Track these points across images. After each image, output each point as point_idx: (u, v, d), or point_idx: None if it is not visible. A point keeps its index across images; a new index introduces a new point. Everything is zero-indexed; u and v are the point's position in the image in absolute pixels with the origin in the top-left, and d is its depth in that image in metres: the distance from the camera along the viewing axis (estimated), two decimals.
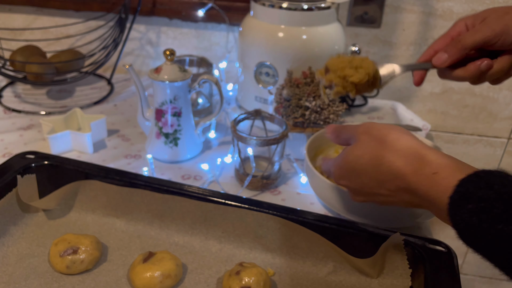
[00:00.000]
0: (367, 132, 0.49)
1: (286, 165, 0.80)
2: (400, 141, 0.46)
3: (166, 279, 0.52)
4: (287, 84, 0.80)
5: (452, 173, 0.41)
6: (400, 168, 0.45)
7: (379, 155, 0.46)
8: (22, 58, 1.00)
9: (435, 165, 0.42)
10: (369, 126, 0.49)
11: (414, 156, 0.44)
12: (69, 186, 0.62)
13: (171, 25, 1.11)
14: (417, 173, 0.43)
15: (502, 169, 0.39)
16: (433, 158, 0.43)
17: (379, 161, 0.46)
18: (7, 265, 0.55)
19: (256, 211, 0.58)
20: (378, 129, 0.48)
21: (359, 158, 0.49)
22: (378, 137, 0.48)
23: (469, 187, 0.38)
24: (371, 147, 0.48)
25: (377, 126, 0.49)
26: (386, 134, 0.47)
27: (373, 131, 0.48)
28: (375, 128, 0.49)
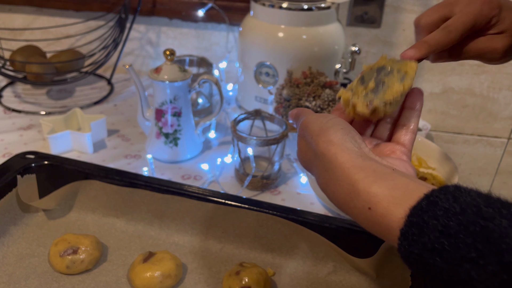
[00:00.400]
0: (302, 135, 0.42)
1: (286, 165, 0.80)
2: (327, 156, 0.37)
3: (166, 279, 0.52)
4: (287, 84, 0.80)
5: (391, 208, 0.32)
6: (335, 195, 0.36)
7: (314, 170, 0.40)
8: (22, 58, 1.00)
9: (367, 197, 0.33)
10: (304, 127, 0.41)
11: (342, 182, 0.35)
12: (69, 186, 0.62)
13: (171, 25, 1.11)
14: (350, 206, 0.35)
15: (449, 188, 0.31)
16: (363, 186, 0.33)
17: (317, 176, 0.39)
18: (7, 265, 0.55)
19: (256, 211, 0.58)
20: (310, 133, 0.40)
21: (305, 166, 0.42)
22: (310, 146, 0.40)
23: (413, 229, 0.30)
24: (308, 158, 0.41)
25: (310, 127, 0.40)
26: (316, 144, 0.38)
27: (307, 135, 0.40)
28: (308, 131, 0.40)
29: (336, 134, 0.38)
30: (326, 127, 0.39)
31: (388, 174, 0.34)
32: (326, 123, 0.39)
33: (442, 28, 0.45)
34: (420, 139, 0.74)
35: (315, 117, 0.41)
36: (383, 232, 0.33)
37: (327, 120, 0.40)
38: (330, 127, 0.38)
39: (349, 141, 0.37)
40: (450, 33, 0.44)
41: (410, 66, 0.42)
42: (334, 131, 0.38)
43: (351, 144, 0.37)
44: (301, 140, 0.42)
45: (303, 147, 0.42)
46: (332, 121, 0.39)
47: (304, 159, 0.42)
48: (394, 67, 0.43)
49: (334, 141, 0.37)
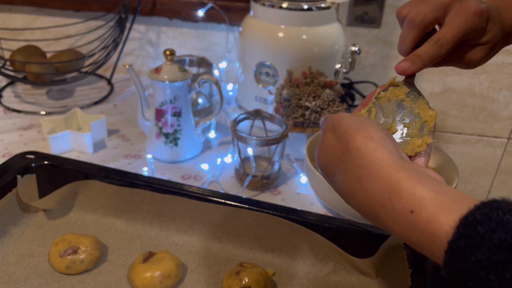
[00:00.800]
0: (332, 129, 0.38)
1: (286, 165, 0.80)
2: (363, 151, 0.34)
3: (166, 279, 0.52)
4: (287, 84, 0.80)
5: (437, 214, 0.28)
6: (364, 195, 0.33)
7: (340, 167, 0.36)
8: (22, 58, 1.00)
9: (411, 199, 0.30)
10: (337, 121, 0.38)
11: (379, 180, 0.32)
12: (69, 186, 0.62)
13: (171, 25, 1.11)
14: (386, 207, 0.31)
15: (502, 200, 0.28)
16: (406, 186, 0.30)
17: (340, 174, 0.36)
18: (7, 265, 0.55)
19: (256, 211, 0.58)
20: (344, 128, 0.36)
21: (324, 164, 0.39)
22: (342, 140, 0.36)
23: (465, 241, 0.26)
24: (333, 153, 0.37)
25: (345, 122, 0.37)
26: (352, 137, 0.35)
27: (339, 130, 0.37)
28: (342, 125, 0.37)
29: (377, 132, 0.35)
30: (366, 124, 0.36)
31: (432, 179, 0.31)
32: (366, 121, 0.37)
33: (434, 42, 0.43)
34: None
35: (351, 115, 0.39)
36: (424, 240, 0.29)
37: (366, 118, 0.38)
38: (370, 125, 0.36)
39: (389, 141, 0.35)
40: (441, 47, 0.43)
41: (430, 115, 0.41)
42: (375, 129, 0.35)
43: (391, 145, 0.34)
44: (329, 135, 0.38)
45: (330, 141, 0.38)
46: (371, 120, 0.37)
47: (327, 155, 0.38)
48: (414, 109, 0.42)
49: (374, 137, 0.34)
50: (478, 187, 1.19)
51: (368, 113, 0.43)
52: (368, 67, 1.07)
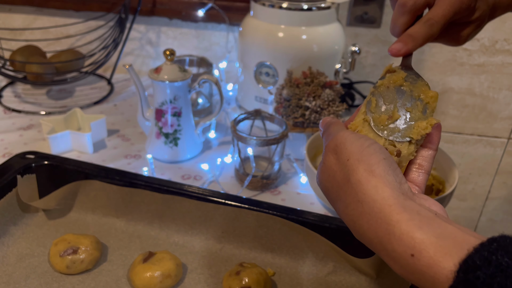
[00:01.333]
0: (335, 151, 0.37)
1: (286, 165, 0.80)
2: (365, 187, 0.33)
3: (166, 279, 0.52)
4: (287, 84, 0.80)
5: (438, 259, 0.28)
6: (365, 232, 0.33)
7: (341, 197, 0.36)
8: (22, 58, 1.00)
9: (411, 243, 0.29)
10: (340, 143, 0.37)
11: (380, 220, 0.31)
12: (69, 186, 0.62)
13: (171, 25, 1.11)
14: (386, 247, 0.31)
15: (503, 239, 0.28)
16: (406, 230, 0.30)
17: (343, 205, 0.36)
18: (7, 265, 0.55)
19: (256, 211, 0.58)
20: (347, 155, 0.36)
21: (326, 188, 0.38)
22: (343, 168, 0.35)
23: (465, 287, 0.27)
24: (335, 180, 0.36)
25: (348, 147, 0.36)
26: (353, 169, 0.34)
27: (341, 155, 0.36)
28: (344, 151, 0.36)
29: (379, 164, 0.34)
30: (368, 153, 0.34)
31: (433, 219, 0.30)
32: (368, 148, 0.35)
33: (425, 21, 0.43)
34: None
35: (354, 137, 0.37)
36: (425, 282, 0.29)
37: (368, 144, 0.35)
38: (372, 154, 0.34)
39: (392, 174, 0.34)
40: (432, 26, 0.43)
41: (431, 96, 0.40)
42: (377, 160, 0.34)
43: (393, 178, 0.33)
44: (331, 157, 0.37)
45: (332, 166, 0.37)
46: (373, 146, 0.35)
47: (329, 179, 0.37)
48: (414, 92, 0.41)
49: (376, 172, 0.33)
50: (478, 187, 1.19)
51: (367, 105, 0.41)
52: (368, 67, 1.07)
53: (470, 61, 1.03)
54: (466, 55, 1.03)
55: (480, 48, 1.02)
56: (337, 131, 0.39)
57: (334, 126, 0.41)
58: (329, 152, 0.38)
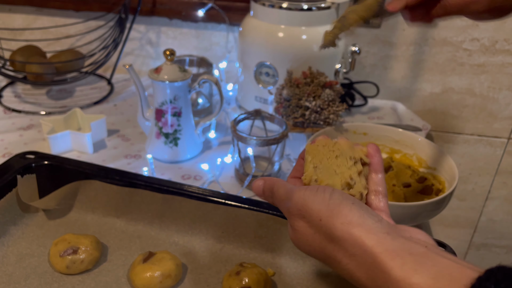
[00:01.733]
0: (301, 215, 0.36)
1: (286, 165, 0.80)
2: (349, 241, 0.32)
3: (166, 279, 0.52)
4: (287, 84, 0.80)
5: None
6: (364, 282, 0.33)
7: (330, 256, 0.35)
8: (22, 58, 1.00)
9: (402, 287, 0.29)
10: (302, 206, 0.36)
11: (376, 269, 0.31)
12: (69, 186, 0.62)
13: (171, 25, 1.11)
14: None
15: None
16: (402, 276, 0.29)
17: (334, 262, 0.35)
18: (7, 265, 0.55)
19: (256, 211, 0.58)
20: (316, 216, 0.35)
21: (308, 251, 0.37)
22: (320, 230, 0.35)
23: None
24: (316, 243, 0.35)
25: (313, 208, 0.35)
26: (330, 227, 0.34)
27: (311, 218, 0.35)
28: (312, 213, 0.35)
29: (352, 213, 0.33)
30: (336, 205, 0.34)
31: (426, 256, 0.30)
32: (331, 200, 0.34)
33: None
34: (420, 139, 0.74)
35: (310, 193, 0.36)
36: None
37: (329, 194, 0.35)
38: (339, 204, 0.34)
39: (368, 217, 0.33)
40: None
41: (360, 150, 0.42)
42: (348, 208, 0.34)
43: (371, 220, 0.33)
44: (300, 223, 0.36)
45: (304, 230, 0.36)
46: (335, 195, 0.35)
47: (308, 243, 0.36)
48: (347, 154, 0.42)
49: (354, 222, 0.33)
50: (478, 187, 1.20)
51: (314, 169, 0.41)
52: (368, 67, 1.07)
53: (470, 61, 1.03)
54: (466, 55, 1.03)
55: (480, 48, 1.02)
56: (289, 193, 0.37)
57: (278, 187, 0.39)
58: (296, 218, 0.37)
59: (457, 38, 1.01)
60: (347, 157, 0.41)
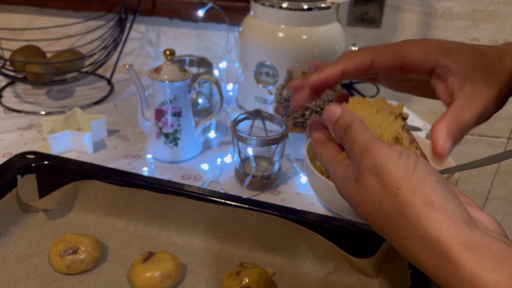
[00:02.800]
0: (376, 174, 0.32)
1: (286, 165, 0.79)
2: (425, 222, 0.29)
3: (166, 279, 0.52)
4: (287, 84, 0.80)
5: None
6: (428, 267, 0.30)
7: (394, 228, 0.32)
8: (22, 58, 1.00)
9: (483, 286, 0.27)
10: (380, 165, 0.32)
11: (446, 259, 0.29)
12: (69, 186, 0.62)
13: (171, 25, 1.11)
14: (453, 286, 0.29)
15: None
16: (478, 272, 0.27)
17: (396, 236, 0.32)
18: (7, 265, 0.55)
19: (256, 211, 0.58)
20: (394, 181, 0.31)
21: (368, 215, 0.34)
22: (392, 197, 0.31)
23: None
24: (382, 209, 0.32)
25: (393, 171, 0.32)
26: (408, 200, 0.30)
27: (388, 180, 0.32)
28: (389, 176, 0.32)
29: (436, 192, 0.30)
30: (420, 179, 0.31)
31: (505, 253, 0.28)
32: (416, 171, 0.31)
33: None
34: (420, 139, 0.74)
35: (394, 155, 0.32)
36: None
37: (414, 164, 0.31)
38: (424, 180, 0.31)
39: (450, 200, 0.30)
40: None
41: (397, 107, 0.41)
42: (432, 186, 0.30)
43: (453, 205, 0.30)
44: (373, 182, 0.32)
45: (376, 192, 0.32)
46: (420, 166, 0.31)
47: (374, 206, 0.33)
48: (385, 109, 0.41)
49: (436, 203, 0.30)
50: (478, 187, 1.19)
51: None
52: None
53: None
54: None
55: None
56: (370, 142, 0.34)
57: (358, 128, 0.35)
58: (369, 173, 0.33)
59: (457, 38, 1.01)
60: (387, 111, 0.39)
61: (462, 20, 0.99)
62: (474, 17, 0.99)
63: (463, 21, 0.99)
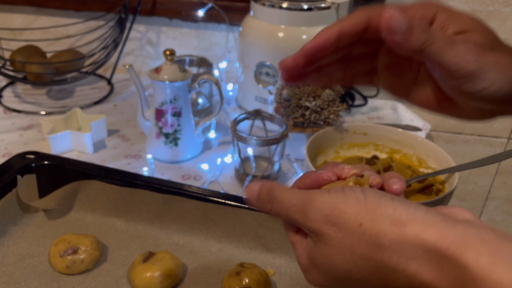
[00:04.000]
0: (331, 222, 0.29)
1: (286, 165, 0.79)
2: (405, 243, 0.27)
3: (166, 279, 0.52)
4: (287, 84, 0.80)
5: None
6: (432, 284, 0.27)
7: (380, 266, 0.28)
8: (22, 58, 1.00)
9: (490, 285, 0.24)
10: (331, 211, 0.29)
11: (444, 266, 0.26)
12: (69, 186, 0.62)
13: (171, 25, 1.11)
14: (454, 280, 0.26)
15: None
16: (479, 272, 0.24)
17: (387, 272, 0.28)
18: (7, 265, 0.55)
19: (256, 211, 0.58)
20: (353, 219, 0.29)
21: (347, 271, 0.30)
22: (360, 237, 0.28)
23: None
24: (356, 255, 0.29)
25: (346, 211, 0.29)
26: (377, 231, 0.28)
27: (346, 223, 0.29)
28: (344, 216, 0.29)
29: (397, 210, 0.28)
30: (375, 204, 0.28)
31: (498, 244, 0.25)
32: (368, 199, 0.29)
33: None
34: (420, 139, 0.74)
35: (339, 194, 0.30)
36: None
37: (362, 193, 0.29)
38: (379, 203, 0.29)
39: (416, 209, 0.28)
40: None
41: None
42: (391, 206, 0.28)
43: (421, 212, 0.28)
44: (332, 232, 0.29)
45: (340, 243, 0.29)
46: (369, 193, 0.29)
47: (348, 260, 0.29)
48: None
49: (403, 220, 0.28)
50: (478, 187, 1.19)
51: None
52: None
53: None
54: None
55: None
56: (305, 197, 0.31)
57: (282, 191, 0.32)
58: (323, 227, 0.30)
59: None
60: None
61: None
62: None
63: None
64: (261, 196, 0.34)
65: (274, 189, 0.33)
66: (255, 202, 0.35)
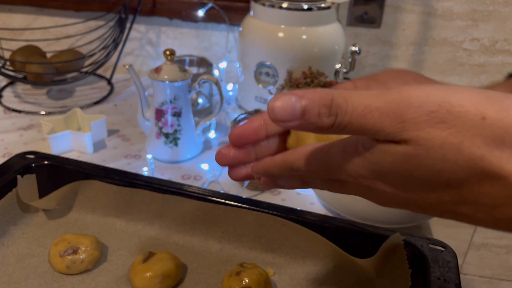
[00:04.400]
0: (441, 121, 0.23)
1: None
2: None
3: (166, 279, 0.52)
4: (287, 84, 0.80)
5: None
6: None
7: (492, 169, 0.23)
8: (22, 58, 1.00)
9: None
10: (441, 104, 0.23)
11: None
12: (69, 186, 0.62)
13: (171, 25, 1.11)
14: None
15: None
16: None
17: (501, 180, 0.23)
18: (7, 265, 0.55)
19: (256, 211, 0.58)
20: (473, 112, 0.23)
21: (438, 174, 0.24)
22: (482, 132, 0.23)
23: None
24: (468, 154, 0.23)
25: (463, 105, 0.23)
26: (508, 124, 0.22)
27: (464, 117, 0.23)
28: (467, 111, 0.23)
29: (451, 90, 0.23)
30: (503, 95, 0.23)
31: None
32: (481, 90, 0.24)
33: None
34: None
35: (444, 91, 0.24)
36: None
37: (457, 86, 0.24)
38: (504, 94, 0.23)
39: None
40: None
41: None
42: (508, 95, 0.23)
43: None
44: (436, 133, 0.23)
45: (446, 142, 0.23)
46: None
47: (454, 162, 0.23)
48: None
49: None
50: None
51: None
52: (368, 67, 1.07)
53: (470, 61, 1.03)
54: (466, 55, 1.03)
55: (480, 48, 1.02)
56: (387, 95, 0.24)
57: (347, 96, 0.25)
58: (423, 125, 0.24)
59: (457, 38, 1.01)
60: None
61: (462, 20, 0.99)
62: (474, 17, 0.99)
63: (463, 21, 0.99)
64: (311, 111, 0.25)
65: (333, 96, 0.24)
66: (299, 120, 0.25)
